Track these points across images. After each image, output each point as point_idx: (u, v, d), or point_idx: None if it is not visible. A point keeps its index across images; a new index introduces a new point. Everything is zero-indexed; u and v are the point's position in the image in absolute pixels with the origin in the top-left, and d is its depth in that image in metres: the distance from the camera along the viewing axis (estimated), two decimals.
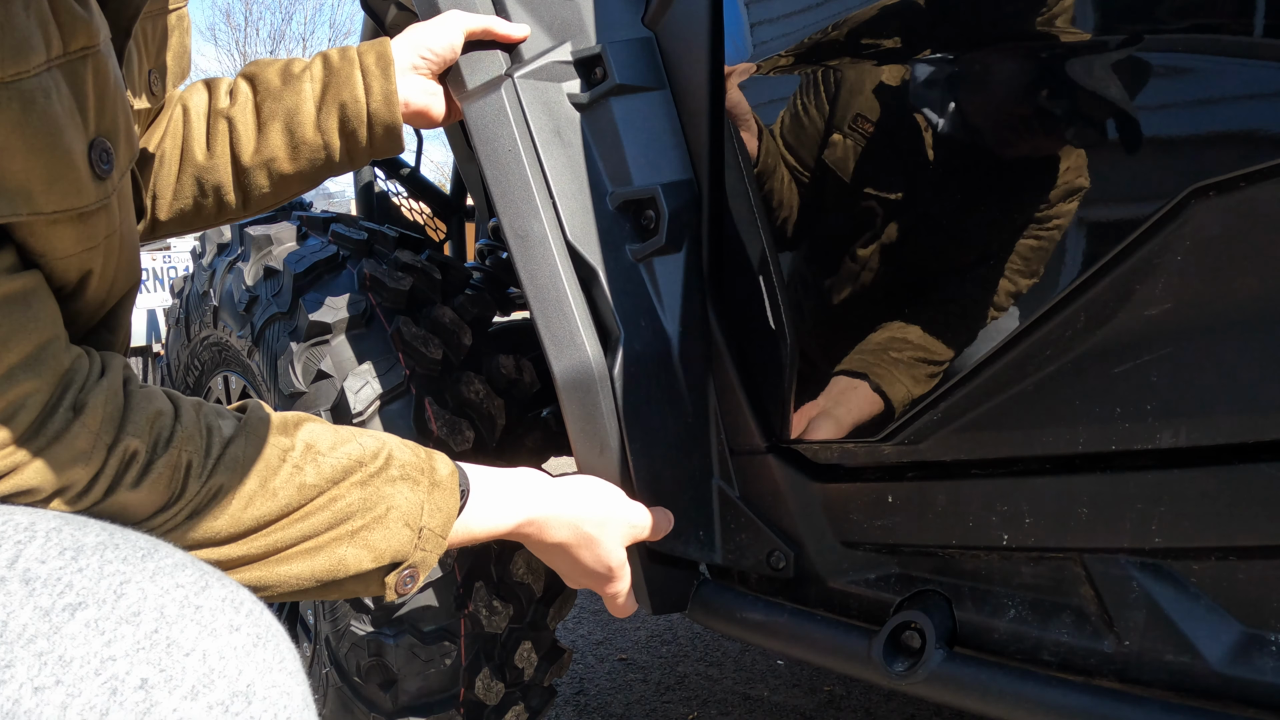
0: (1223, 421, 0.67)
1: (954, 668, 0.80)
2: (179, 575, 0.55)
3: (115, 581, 0.52)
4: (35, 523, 0.55)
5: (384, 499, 0.76)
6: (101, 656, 0.49)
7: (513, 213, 1.02)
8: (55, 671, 0.48)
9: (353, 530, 0.74)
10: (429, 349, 1.18)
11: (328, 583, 0.74)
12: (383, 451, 0.78)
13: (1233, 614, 0.69)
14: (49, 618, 0.49)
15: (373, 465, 0.77)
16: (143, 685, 0.49)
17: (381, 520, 0.75)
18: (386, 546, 0.76)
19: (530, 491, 0.89)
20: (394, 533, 0.76)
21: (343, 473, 0.74)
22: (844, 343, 0.90)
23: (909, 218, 0.82)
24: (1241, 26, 0.64)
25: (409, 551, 0.77)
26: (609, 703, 1.82)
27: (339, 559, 0.73)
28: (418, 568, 0.79)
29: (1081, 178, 0.71)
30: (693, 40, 1.02)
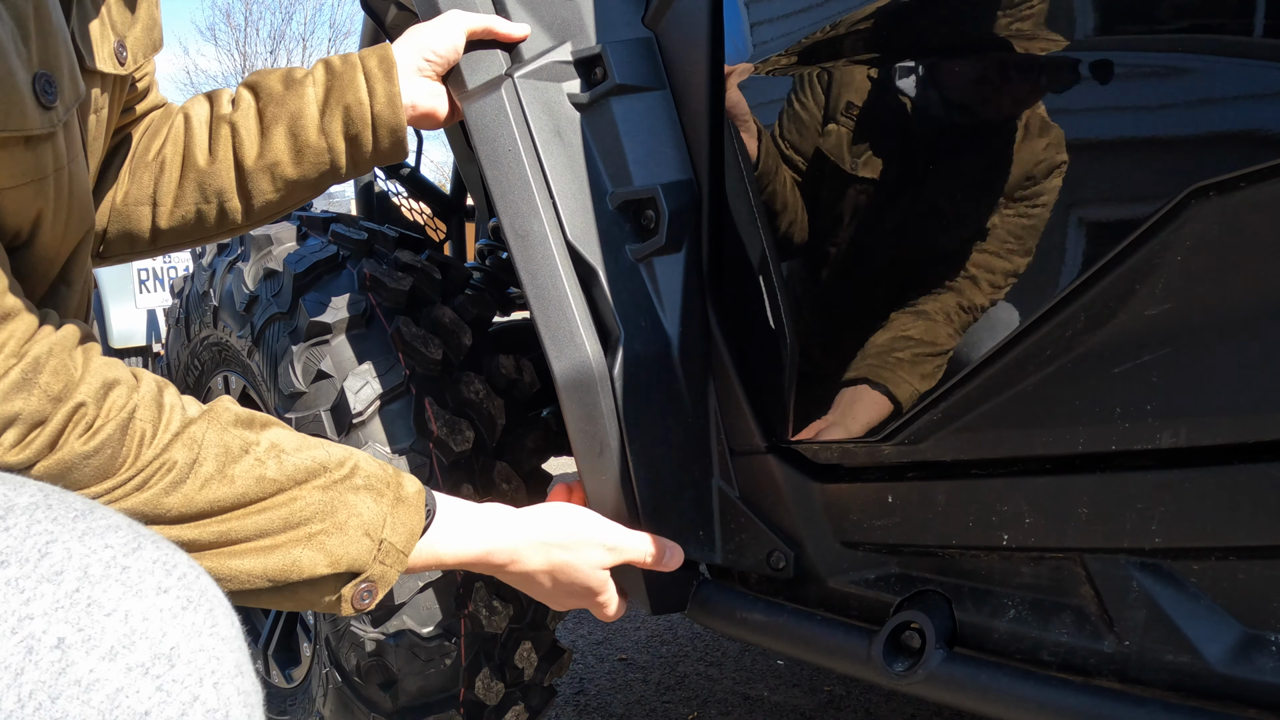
0: (1223, 421, 0.67)
1: (954, 668, 0.80)
2: (109, 536, 0.54)
3: (41, 540, 0.52)
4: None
5: (345, 506, 0.74)
6: (19, 615, 0.48)
7: (513, 213, 1.02)
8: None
9: (310, 533, 0.72)
10: (429, 349, 1.19)
11: (281, 585, 0.72)
12: (349, 460, 0.77)
13: (1233, 614, 0.69)
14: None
15: (337, 472, 0.75)
16: (59, 644, 0.49)
17: (341, 527, 0.74)
18: (344, 554, 0.74)
19: (499, 521, 0.88)
20: (353, 541, 0.74)
21: (305, 474, 0.73)
22: (844, 342, 0.90)
23: (909, 217, 0.82)
24: (1241, 26, 0.64)
25: (367, 562, 0.75)
26: (609, 703, 1.82)
27: (293, 560, 0.72)
28: (376, 582, 0.76)
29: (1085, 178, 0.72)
30: (693, 40, 1.02)
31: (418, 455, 1.16)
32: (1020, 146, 0.76)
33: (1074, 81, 0.72)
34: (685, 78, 1.04)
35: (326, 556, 0.73)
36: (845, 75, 0.86)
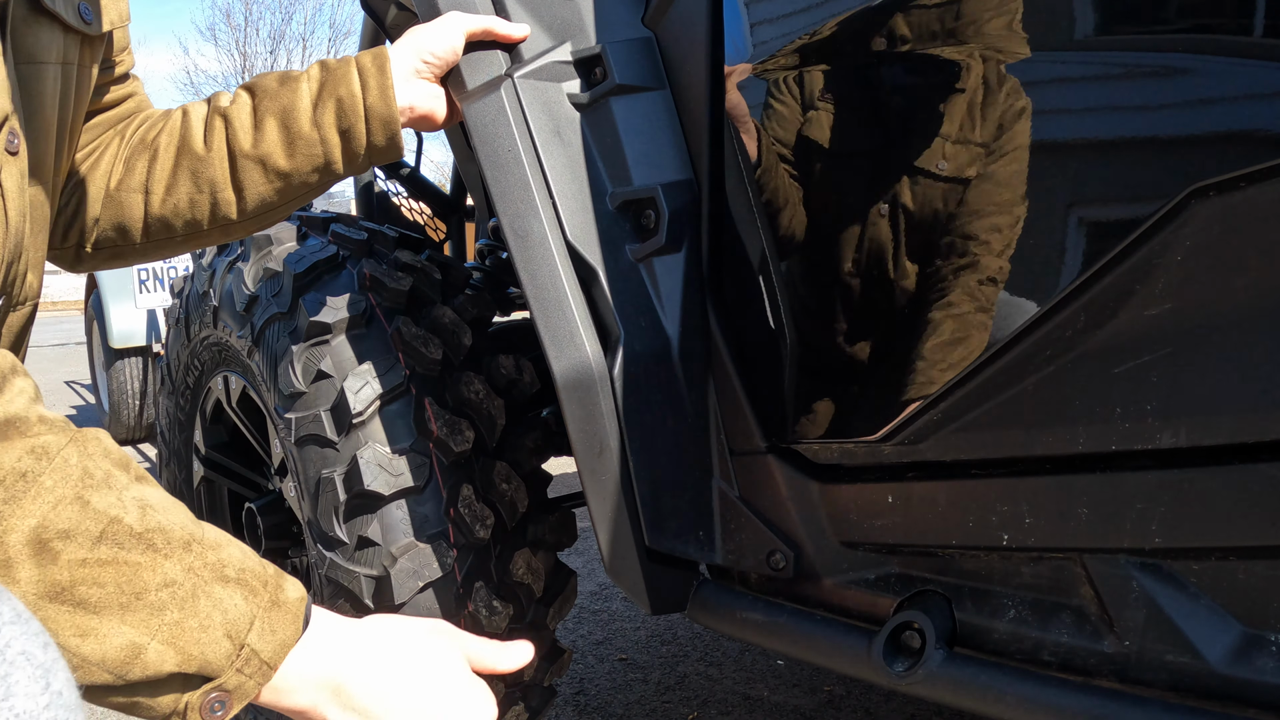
0: (1223, 421, 0.67)
1: (954, 668, 0.80)
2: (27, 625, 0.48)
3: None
4: None
5: (209, 596, 0.62)
6: None
7: (513, 213, 1.02)
8: None
9: (163, 620, 0.60)
10: (429, 349, 1.19)
11: (118, 671, 0.60)
12: (224, 546, 0.66)
13: (1233, 614, 0.69)
14: None
15: (209, 554, 0.64)
16: None
17: (201, 620, 0.62)
18: (198, 652, 0.62)
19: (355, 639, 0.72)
20: (211, 640, 0.62)
21: (169, 542, 0.62)
22: (844, 342, 0.90)
23: (909, 217, 0.82)
24: (1241, 26, 0.64)
25: (223, 667, 0.63)
26: (609, 703, 1.82)
27: (136, 648, 0.60)
28: (231, 693, 0.64)
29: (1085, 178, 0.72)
30: (693, 40, 1.02)
31: (418, 455, 1.16)
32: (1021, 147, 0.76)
33: (1074, 81, 0.72)
34: (685, 78, 1.04)
35: (176, 652, 0.61)
36: (845, 75, 0.86)
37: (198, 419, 1.64)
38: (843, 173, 0.87)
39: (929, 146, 0.80)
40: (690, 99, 1.03)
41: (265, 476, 1.63)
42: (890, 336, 0.85)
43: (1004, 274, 0.76)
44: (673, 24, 1.06)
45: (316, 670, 0.68)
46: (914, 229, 0.82)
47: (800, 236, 0.92)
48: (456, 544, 1.17)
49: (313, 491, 1.19)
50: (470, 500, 1.17)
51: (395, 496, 1.14)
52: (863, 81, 0.85)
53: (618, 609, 2.29)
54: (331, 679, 0.68)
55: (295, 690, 0.67)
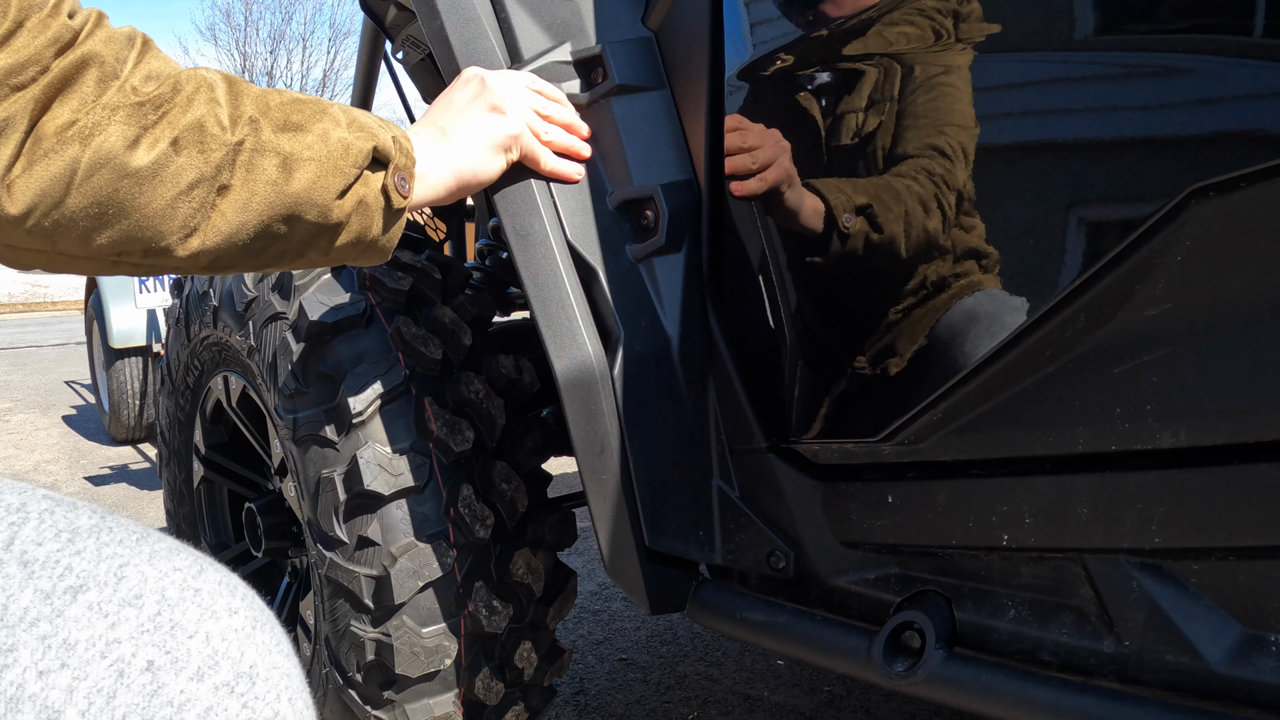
0: (1223, 421, 0.67)
1: (954, 668, 0.80)
2: (175, 559, 0.54)
3: (114, 564, 0.51)
4: (26, 503, 0.53)
5: (354, 114, 0.83)
6: (106, 639, 0.49)
7: (513, 212, 1.02)
8: (60, 655, 0.47)
9: (347, 120, 0.81)
10: (429, 349, 1.18)
11: (340, 161, 0.79)
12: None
13: (1233, 614, 0.69)
14: (51, 601, 0.49)
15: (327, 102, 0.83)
16: (149, 668, 0.49)
17: (366, 123, 0.82)
18: (376, 139, 0.82)
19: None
20: (376, 132, 0.83)
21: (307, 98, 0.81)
22: (844, 341, 0.90)
23: (909, 217, 0.82)
24: (1241, 26, 0.64)
25: (390, 149, 0.83)
26: (609, 703, 1.82)
27: (342, 140, 0.79)
28: (402, 170, 0.85)
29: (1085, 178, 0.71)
30: (693, 40, 1.02)
31: (417, 455, 1.16)
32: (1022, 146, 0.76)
33: (1074, 81, 0.72)
34: (685, 78, 1.04)
35: (367, 137, 0.81)
36: (844, 74, 0.86)
37: (198, 419, 1.64)
38: (843, 172, 0.87)
39: (929, 146, 0.80)
40: (690, 99, 1.03)
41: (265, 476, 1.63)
42: (890, 336, 0.85)
43: (1004, 274, 0.76)
44: (673, 24, 1.05)
45: (425, 137, 0.93)
46: (914, 228, 0.82)
47: (800, 236, 0.92)
48: (456, 544, 1.17)
49: (313, 491, 1.19)
50: (470, 500, 1.17)
51: (395, 496, 1.14)
52: (862, 81, 0.85)
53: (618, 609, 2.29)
54: (435, 129, 0.94)
55: (433, 179, 0.92)
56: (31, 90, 0.63)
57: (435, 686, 1.19)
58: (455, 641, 1.17)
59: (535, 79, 1.03)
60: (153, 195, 0.69)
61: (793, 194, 0.91)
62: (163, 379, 1.71)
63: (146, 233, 0.71)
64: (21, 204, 0.64)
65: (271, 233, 0.78)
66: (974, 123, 0.78)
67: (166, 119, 0.70)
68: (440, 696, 1.20)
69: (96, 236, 0.69)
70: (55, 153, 0.64)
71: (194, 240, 0.73)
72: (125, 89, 0.68)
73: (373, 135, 0.83)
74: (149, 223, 0.70)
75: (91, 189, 0.67)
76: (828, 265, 0.89)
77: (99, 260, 0.71)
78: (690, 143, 1.04)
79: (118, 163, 0.67)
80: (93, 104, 0.66)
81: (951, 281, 0.80)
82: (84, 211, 0.67)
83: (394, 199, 0.84)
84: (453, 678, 1.19)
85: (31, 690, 0.46)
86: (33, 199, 0.64)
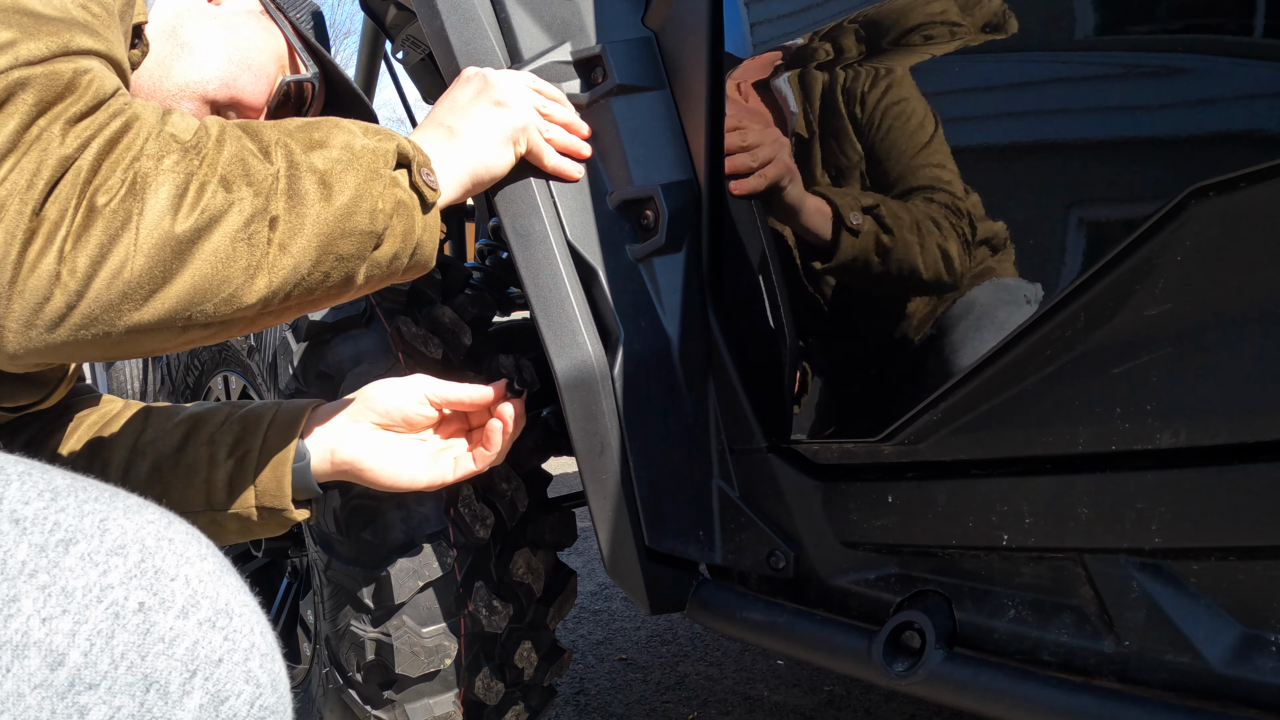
0: (1223, 421, 0.67)
1: (954, 668, 0.80)
2: (146, 513, 0.59)
3: (96, 519, 0.57)
4: (4, 466, 0.57)
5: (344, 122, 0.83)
6: (100, 585, 0.54)
7: (513, 212, 1.02)
8: (61, 602, 0.52)
9: (364, 130, 0.81)
10: (429, 349, 1.18)
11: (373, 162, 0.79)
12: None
13: (1233, 614, 0.69)
14: (45, 554, 0.53)
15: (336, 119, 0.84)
16: (141, 609, 0.55)
17: (379, 130, 0.83)
18: (392, 142, 0.82)
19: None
20: (392, 136, 0.83)
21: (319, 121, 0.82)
22: (844, 341, 0.90)
23: (909, 216, 0.82)
24: (1241, 26, 0.64)
25: (408, 148, 0.84)
26: (609, 703, 1.82)
27: (366, 147, 0.80)
28: (424, 164, 0.85)
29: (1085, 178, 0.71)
30: (693, 40, 1.02)
31: None
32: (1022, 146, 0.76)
33: (1075, 81, 0.72)
34: (685, 78, 1.04)
35: (386, 139, 0.82)
36: (845, 74, 0.86)
37: None
38: (843, 172, 0.87)
39: (929, 146, 0.80)
40: (690, 99, 1.03)
41: None
42: (890, 336, 0.85)
43: (1004, 273, 0.76)
44: (673, 24, 1.05)
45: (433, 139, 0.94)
46: (914, 228, 0.82)
47: (800, 236, 0.92)
48: (456, 544, 1.17)
49: None
50: (470, 500, 1.17)
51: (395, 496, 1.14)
52: (862, 81, 0.85)
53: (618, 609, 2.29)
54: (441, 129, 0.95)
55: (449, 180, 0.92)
56: (81, 160, 0.63)
57: (435, 686, 1.19)
58: (455, 641, 1.17)
59: (535, 79, 1.03)
60: (211, 239, 0.67)
61: (793, 191, 0.91)
62: (163, 379, 1.71)
63: (213, 282, 0.68)
64: (81, 273, 0.62)
65: (330, 253, 0.76)
66: (975, 122, 0.78)
67: (207, 161, 0.69)
68: (440, 696, 1.20)
69: (162, 298, 0.66)
70: (110, 214, 0.63)
71: (260, 280, 0.71)
72: (163, 137, 0.68)
73: (390, 136, 0.83)
74: (213, 270, 0.68)
75: (151, 244, 0.64)
76: (828, 265, 0.89)
77: (167, 328, 0.68)
78: (690, 143, 1.04)
79: (172, 211, 0.66)
80: (138, 158, 0.66)
81: (951, 281, 0.80)
82: (147, 272, 0.65)
83: (426, 194, 0.84)
84: (453, 677, 1.19)
85: (36, 636, 0.51)
86: (90, 264, 0.62)
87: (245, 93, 1.07)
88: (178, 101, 1.03)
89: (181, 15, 1.05)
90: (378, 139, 0.82)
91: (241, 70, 1.06)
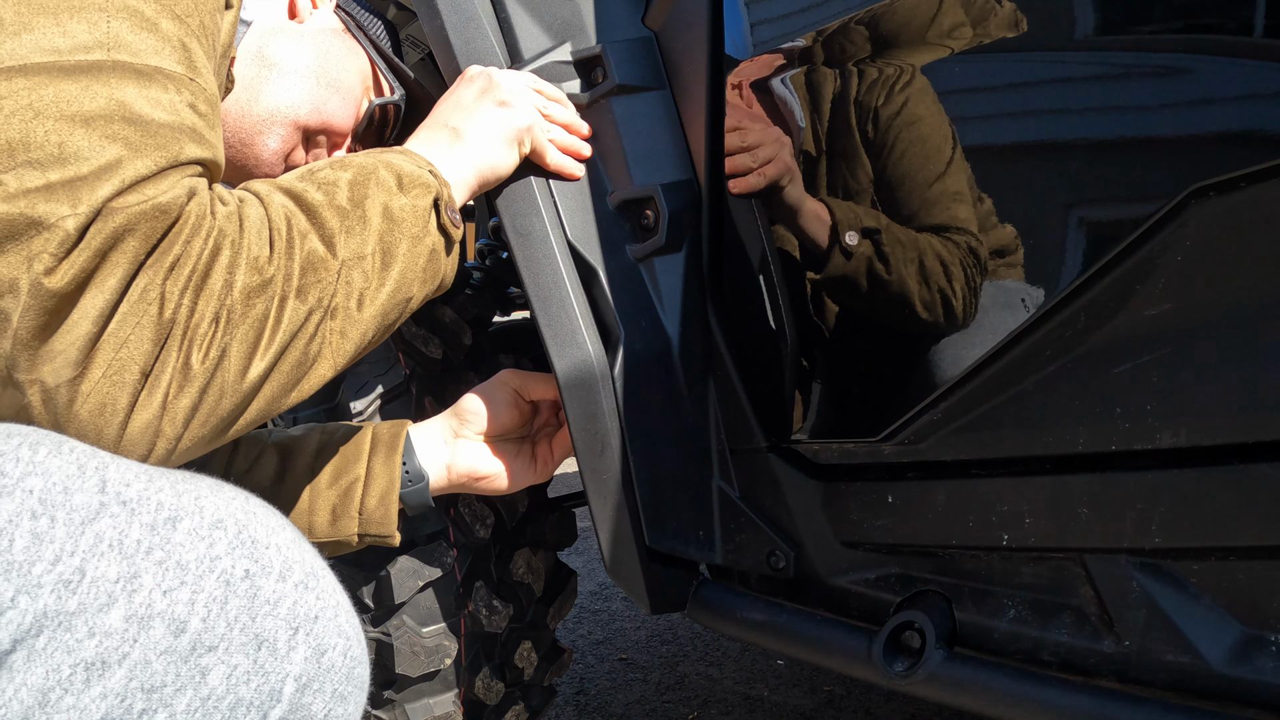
0: (1223, 421, 0.67)
1: (954, 668, 0.80)
2: (227, 490, 0.65)
3: (191, 497, 0.61)
4: (81, 449, 0.59)
5: (390, 162, 0.83)
6: (210, 557, 0.59)
7: (514, 212, 1.02)
8: (178, 574, 0.57)
9: (387, 181, 0.80)
10: (429, 348, 1.18)
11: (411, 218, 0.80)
12: (354, 157, 0.85)
13: (1233, 614, 0.68)
14: (156, 531, 0.58)
15: (348, 156, 0.83)
16: (247, 575, 0.60)
17: (404, 172, 0.83)
18: (421, 182, 0.83)
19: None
20: (418, 176, 0.83)
21: (334, 161, 0.81)
22: (844, 341, 0.90)
23: (909, 216, 0.82)
24: (1241, 26, 0.64)
25: (434, 185, 0.84)
26: (609, 703, 1.82)
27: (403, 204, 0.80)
28: (450, 203, 0.86)
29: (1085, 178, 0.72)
30: (693, 40, 1.02)
31: None
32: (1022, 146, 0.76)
33: (1074, 81, 0.72)
34: (685, 78, 1.04)
35: (420, 191, 0.82)
36: (845, 74, 0.86)
37: None
38: (843, 172, 0.87)
39: (929, 146, 0.80)
40: (690, 99, 1.03)
41: None
42: (890, 336, 0.85)
43: (1004, 274, 0.76)
44: (673, 24, 1.05)
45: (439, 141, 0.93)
46: (915, 229, 0.82)
47: (801, 235, 0.92)
48: (456, 543, 1.17)
49: None
50: (470, 500, 1.17)
51: None
52: (862, 81, 0.85)
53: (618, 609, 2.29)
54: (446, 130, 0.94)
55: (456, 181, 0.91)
56: (178, 316, 0.63)
57: (435, 686, 1.19)
58: (455, 641, 1.17)
59: (536, 79, 1.03)
60: (289, 357, 0.70)
61: (793, 191, 0.91)
62: None
63: (289, 388, 0.72)
64: (180, 420, 0.64)
65: (383, 326, 0.79)
66: (975, 122, 0.78)
67: (282, 276, 0.69)
68: (440, 696, 1.20)
69: (247, 417, 0.70)
70: (205, 373, 0.65)
71: (323, 368, 0.74)
72: (245, 262, 0.67)
73: (424, 186, 0.83)
74: (289, 379, 0.71)
75: (240, 392, 0.67)
76: (828, 265, 0.89)
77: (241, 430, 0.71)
78: (690, 143, 1.04)
79: (257, 353, 0.68)
80: (225, 299, 0.65)
81: (952, 280, 0.80)
82: (237, 408, 0.68)
83: (452, 234, 0.86)
84: (453, 677, 1.19)
85: (159, 607, 0.56)
86: (187, 412, 0.64)
87: (335, 118, 1.07)
88: (268, 128, 1.03)
89: (266, 35, 1.04)
90: (414, 194, 0.82)
91: (331, 94, 1.06)
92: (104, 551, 0.55)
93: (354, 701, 0.66)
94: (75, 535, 0.55)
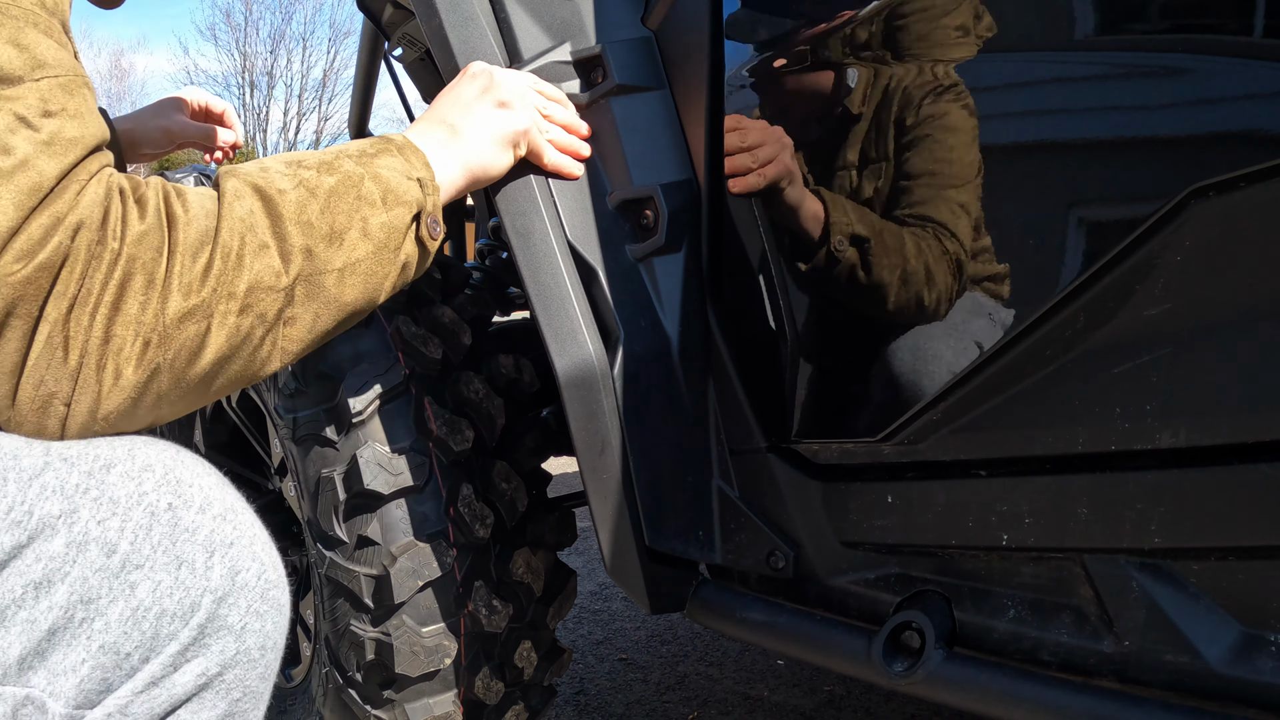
0: (1223, 421, 0.67)
1: (953, 668, 0.80)
2: (159, 444, 0.73)
3: (125, 448, 0.70)
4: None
5: (376, 173, 0.84)
6: (138, 493, 0.68)
7: (514, 211, 1.02)
8: (109, 507, 0.66)
9: (371, 195, 0.82)
10: (429, 348, 1.18)
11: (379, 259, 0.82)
12: (346, 147, 0.87)
13: (1233, 614, 0.69)
14: (93, 476, 0.67)
15: (351, 153, 0.85)
16: (170, 508, 0.68)
17: (390, 185, 0.84)
18: (406, 197, 0.84)
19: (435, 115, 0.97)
20: (404, 188, 0.85)
21: (326, 160, 0.83)
22: (844, 341, 0.90)
23: (909, 216, 0.82)
24: (1241, 26, 0.64)
25: (419, 197, 0.86)
26: (609, 703, 1.82)
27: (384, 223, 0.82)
28: (433, 214, 0.88)
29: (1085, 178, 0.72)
30: (693, 40, 1.02)
31: (417, 454, 1.15)
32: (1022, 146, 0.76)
33: (1074, 81, 0.72)
34: (685, 78, 1.04)
35: (402, 208, 0.84)
36: (845, 74, 0.86)
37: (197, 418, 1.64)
38: (843, 173, 0.87)
39: (929, 147, 0.80)
40: (690, 99, 1.03)
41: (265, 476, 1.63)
42: (890, 336, 0.85)
43: (1004, 273, 0.76)
44: (673, 24, 1.05)
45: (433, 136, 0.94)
46: (914, 229, 0.82)
47: (800, 236, 0.92)
48: (456, 543, 1.17)
49: (312, 491, 1.19)
50: (470, 500, 1.17)
51: (395, 496, 1.14)
52: (862, 80, 0.85)
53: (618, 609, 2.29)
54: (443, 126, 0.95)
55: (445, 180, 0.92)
56: (98, 316, 0.67)
57: (435, 686, 1.19)
58: (455, 641, 1.17)
59: (536, 79, 1.03)
60: (231, 361, 0.75)
61: (793, 191, 0.91)
62: None
63: (232, 380, 0.77)
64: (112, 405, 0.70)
65: (341, 326, 0.83)
66: (974, 122, 0.78)
67: (225, 291, 0.72)
68: (440, 696, 1.20)
69: (188, 403, 0.76)
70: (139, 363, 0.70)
71: (272, 364, 0.79)
72: (179, 284, 0.70)
73: (406, 203, 0.85)
74: (231, 378, 0.77)
75: (181, 391, 0.73)
76: (828, 264, 0.89)
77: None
78: (690, 143, 1.04)
79: (196, 354, 0.72)
80: (153, 319, 0.69)
81: (951, 280, 0.80)
82: (183, 400, 0.75)
83: (429, 246, 0.88)
84: (452, 677, 1.19)
85: (94, 534, 0.65)
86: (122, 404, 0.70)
87: None
88: None
89: None
90: (395, 210, 0.83)
91: None
92: (49, 496, 0.64)
93: (271, 620, 0.74)
94: (24, 488, 0.64)
